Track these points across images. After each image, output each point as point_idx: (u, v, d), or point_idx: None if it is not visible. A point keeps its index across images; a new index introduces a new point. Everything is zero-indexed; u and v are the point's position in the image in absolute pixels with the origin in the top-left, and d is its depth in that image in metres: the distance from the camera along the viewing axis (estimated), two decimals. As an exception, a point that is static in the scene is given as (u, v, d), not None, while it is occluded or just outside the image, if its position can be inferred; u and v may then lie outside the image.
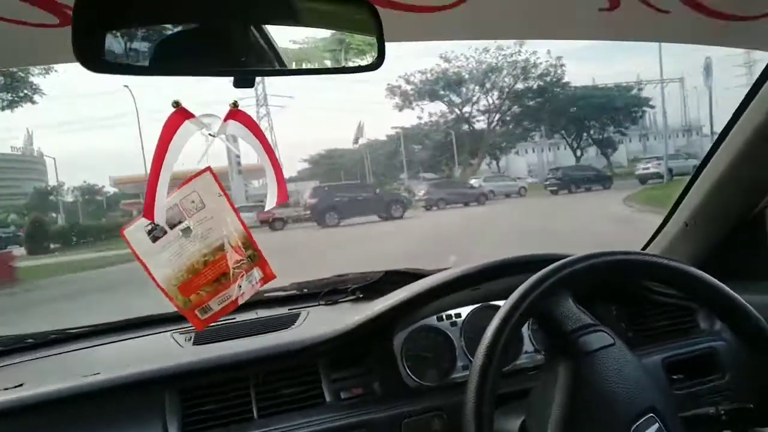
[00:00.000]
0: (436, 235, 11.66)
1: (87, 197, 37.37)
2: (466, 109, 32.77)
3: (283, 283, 1.42)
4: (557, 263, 0.86)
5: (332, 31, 0.84)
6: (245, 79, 0.77)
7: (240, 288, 0.95)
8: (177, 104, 0.86)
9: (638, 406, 0.80)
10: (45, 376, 1.09)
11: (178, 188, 0.91)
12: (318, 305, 1.41)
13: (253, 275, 0.97)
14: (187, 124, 0.86)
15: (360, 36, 0.83)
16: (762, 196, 1.33)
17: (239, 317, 1.30)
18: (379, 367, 1.14)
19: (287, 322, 1.26)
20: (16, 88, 16.34)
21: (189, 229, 0.91)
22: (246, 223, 0.98)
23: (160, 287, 0.92)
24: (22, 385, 1.03)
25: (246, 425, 1.03)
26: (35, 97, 16.73)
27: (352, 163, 36.30)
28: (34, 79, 16.42)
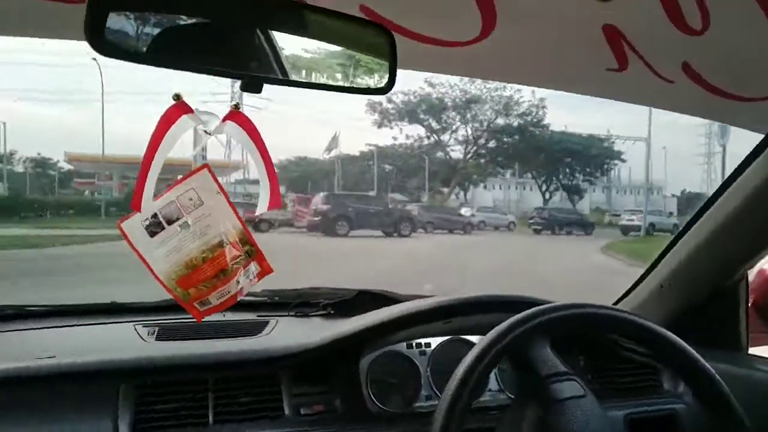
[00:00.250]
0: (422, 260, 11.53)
1: (38, 170, 35.40)
2: (444, 137, 32.79)
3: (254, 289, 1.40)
4: (538, 308, 0.87)
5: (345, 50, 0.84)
6: (253, 84, 0.77)
7: (239, 284, 0.95)
8: (178, 97, 0.85)
9: None
10: None
11: (176, 184, 0.90)
12: (288, 315, 1.38)
13: (250, 270, 0.97)
14: (185, 119, 0.85)
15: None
16: (738, 269, 1.36)
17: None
18: (343, 388, 1.12)
19: (254, 330, 1.24)
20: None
21: (188, 224, 0.90)
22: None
23: (159, 280, 0.91)
24: None
25: (201, 430, 1.00)
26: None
27: (321, 174, 35.75)
28: None
